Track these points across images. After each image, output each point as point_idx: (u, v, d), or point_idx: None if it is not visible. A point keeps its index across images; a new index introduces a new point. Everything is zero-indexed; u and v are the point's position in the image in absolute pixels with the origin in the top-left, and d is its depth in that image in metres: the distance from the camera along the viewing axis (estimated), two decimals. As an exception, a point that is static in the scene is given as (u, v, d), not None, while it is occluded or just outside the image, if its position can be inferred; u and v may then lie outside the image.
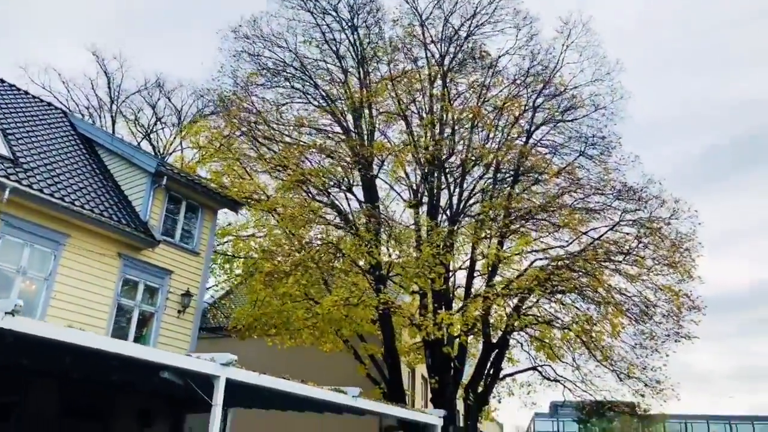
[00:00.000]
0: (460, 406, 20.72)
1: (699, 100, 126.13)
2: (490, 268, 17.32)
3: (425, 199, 18.35)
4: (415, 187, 18.51)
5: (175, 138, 27.30)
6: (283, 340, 17.84)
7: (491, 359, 17.46)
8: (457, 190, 18.34)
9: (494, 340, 17.29)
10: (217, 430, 7.90)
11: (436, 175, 18.01)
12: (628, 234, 16.73)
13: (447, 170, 18.20)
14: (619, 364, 17.00)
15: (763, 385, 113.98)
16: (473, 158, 17.94)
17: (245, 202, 17.03)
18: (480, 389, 17.37)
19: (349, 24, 18.97)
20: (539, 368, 17.85)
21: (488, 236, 17.37)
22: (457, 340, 16.51)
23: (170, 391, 12.08)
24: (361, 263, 16.68)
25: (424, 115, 18.40)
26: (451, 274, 17.66)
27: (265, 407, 13.42)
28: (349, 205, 17.81)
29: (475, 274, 17.87)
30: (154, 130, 27.99)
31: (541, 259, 17.29)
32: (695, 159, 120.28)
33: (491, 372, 17.57)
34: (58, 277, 12.63)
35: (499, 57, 18.78)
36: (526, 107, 18.55)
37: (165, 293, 14.80)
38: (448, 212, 18.13)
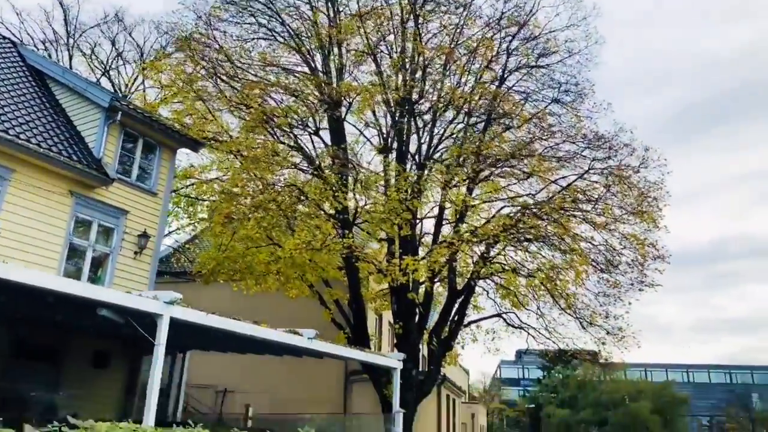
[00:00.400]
0: (425, 351, 20.85)
1: (674, 55, 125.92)
2: (457, 216, 17.11)
3: (395, 145, 17.89)
4: (384, 131, 18.00)
5: (137, 76, 26.06)
6: (248, 285, 17.51)
7: (456, 306, 17.44)
8: (427, 135, 17.90)
9: (459, 288, 17.24)
10: (160, 370, 7.61)
11: (406, 118, 17.50)
12: (596, 182, 16.58)
13: (417, 114, 17.68)
14: (583, 312, 17.15)
15: (721, 335, 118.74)
16: (444, 102, 17.43)
17: (206, 143, 16.38)
18: (444, 335, 17.39)
19: (319, -44, 17.97)
20: (504, 315, 17.88)
21: (457, 184, 17.08)
22: (423, 286, 16.39)
23: (125, 333, 11.76)
24: (326, 207, 16.30)
25: (395, 56, 17.73)
26: (418, 221, 17.40)
27: (222, 350, 13.23)
28: (314, 148, 17.28)
29: (443, 222, 17.66)
30: (115, 66, 26.66)
31: (508, 206, 17.11)
32: (663, 118, 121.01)
33: (456, 318, 17.58)
34: (3, 214, 12.04)
35: (473, -1, 18.03)
36: (500, 51, 18.00)
37: (120, 234, 14.28)
38: (417, 158, 17.73)
